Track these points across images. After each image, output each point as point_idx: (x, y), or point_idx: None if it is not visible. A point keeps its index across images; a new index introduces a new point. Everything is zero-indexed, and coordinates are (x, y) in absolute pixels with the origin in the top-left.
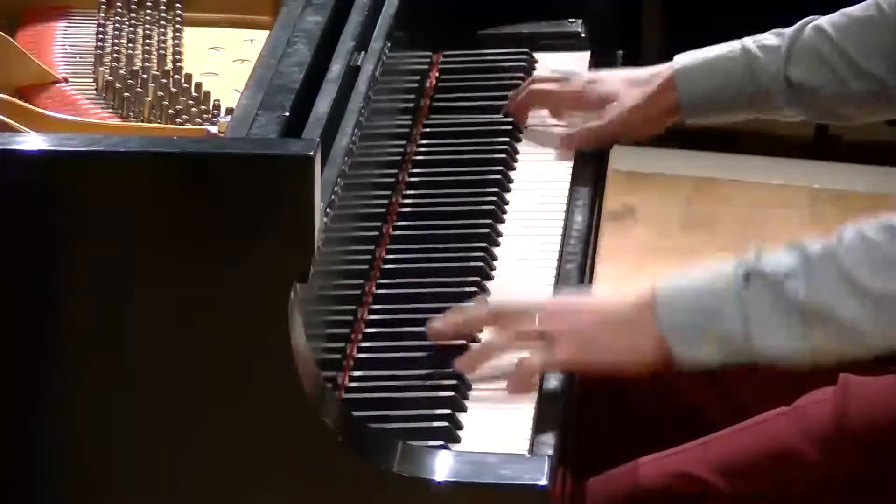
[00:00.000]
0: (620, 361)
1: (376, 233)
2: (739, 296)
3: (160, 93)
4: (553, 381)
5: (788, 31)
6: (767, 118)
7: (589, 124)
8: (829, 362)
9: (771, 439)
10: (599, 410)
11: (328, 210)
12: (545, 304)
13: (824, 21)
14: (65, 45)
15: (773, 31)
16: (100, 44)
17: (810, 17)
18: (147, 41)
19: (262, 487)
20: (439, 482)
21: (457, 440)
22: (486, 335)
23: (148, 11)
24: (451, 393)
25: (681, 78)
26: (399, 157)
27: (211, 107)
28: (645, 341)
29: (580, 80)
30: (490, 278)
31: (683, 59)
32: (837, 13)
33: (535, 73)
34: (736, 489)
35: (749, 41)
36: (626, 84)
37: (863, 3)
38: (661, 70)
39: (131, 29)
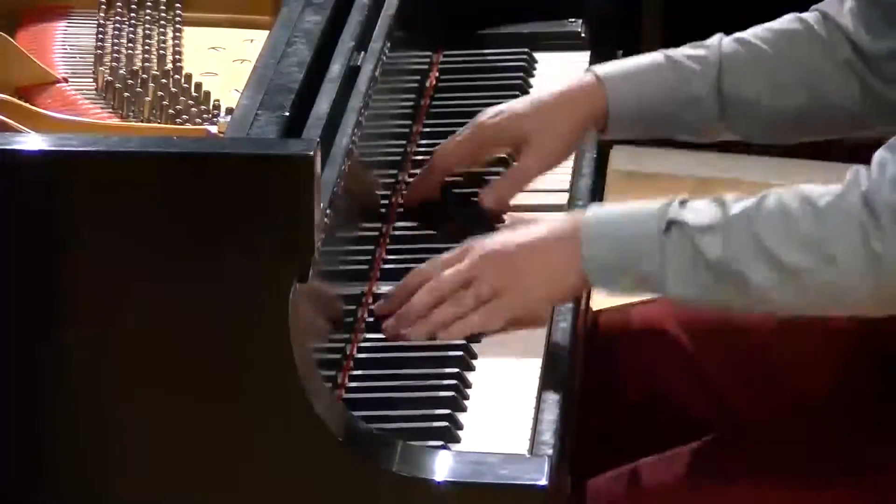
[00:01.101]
0: (547, 295)
1: (376, 233)
2: (659, 242)
3: (160, 93)
4: (553, 382)
5: (710, 42)
6: (700, 139)
7: (508, 171)
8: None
9: (771, 443)
10: (599, 411)
11: (328, 210)
12: (472, 249)
13: (748, 35)
14: (65, 45)
15: (693, 43)
16: (100, 44)
17: (720, 34)
18: (147, 41)
19: (263, 487)
20: (439, 482)
21: (457, 440)
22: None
23: (148, 11)
24: (451, 393)
25: (608, 84)
26: (399, 157)
27: (211, 107)
28: (570, 275)
29: (478, 121)
30: None
31: (604, 68)
32: (756, 28)
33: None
34: (737, 487)
35: (672, 51)
36: (535, 108)
37: (781, 19)
38: (578, 82)
39: (131, 29)
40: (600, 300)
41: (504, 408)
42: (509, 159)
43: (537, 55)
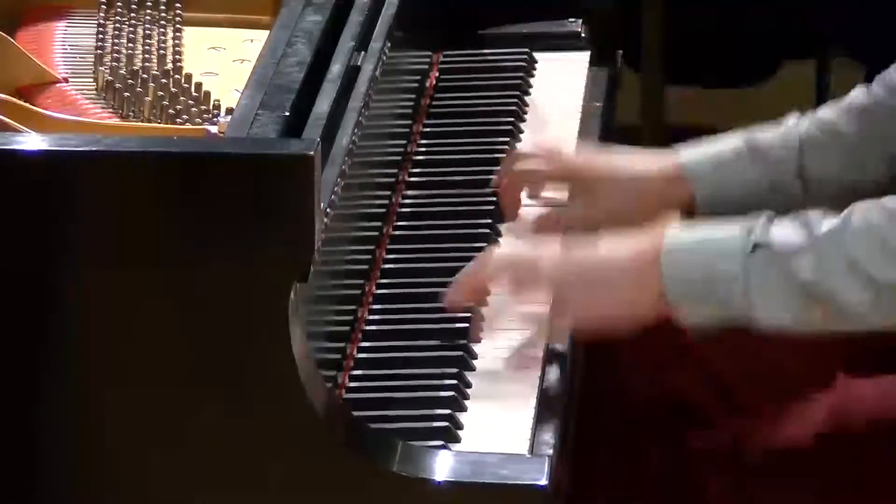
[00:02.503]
0: (621, 316)
1: (376, 233)
2: (745, 265)
3: (160, 93)
4: (553, 382)
5: (789, 123)
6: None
7: (576, 211)
8: (825, 334)
9: (773, 440)
10: (600, 407)
11: (328, 210)
12: (551, 261)
13: (823, 115)
14: (65, 45)
15: (770, 125)
16: (100, 44)
17: (796, 115)
18: (147, 41)
19: (262, 487)
20: (439, 482)
21: (457, 440)
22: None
23: (148, 11)
24: (451, 393)
25: (696, 178)
26: (399, 157)
27: (211, 107)
28: (647, 297)
29: (569, 160)
30: None
31: (690, 155)
32: (828, 107)
33: (518, 149)
34: (739, 484)
35: (751, 137)
36: (623, 175)
37: (851, 93)
38: (666, 170)
39: (131, 29)
40: None
41: (504, 408)
42: None
43: (537, 55)
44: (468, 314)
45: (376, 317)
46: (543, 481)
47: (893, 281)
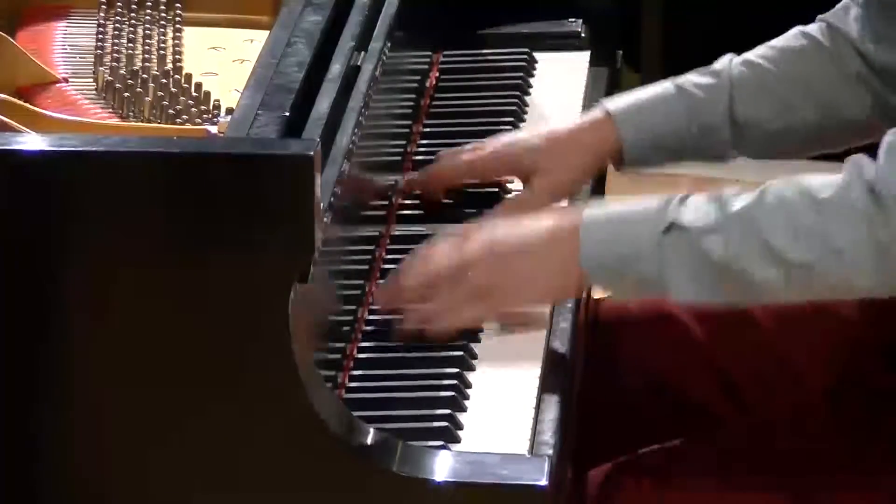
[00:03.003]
0: (544, 295)
1: (376, 233)
2: (659, 244)
3: (160, 93)
4: (553, 382)
5: (717, 67)
6: (707, 163)
7: (515, 196)
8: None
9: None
10: (600, 400)
11: (328, 210)
12: (469, 240)
13: (754, 56)
14: (65, 45)
15: (699, 69)
16: (100, 44)
17: (730, 55)
18: (147, 41)
19: (262, 487)
20: (439, 482)
21: (457, 440)
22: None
23: (148, 11)
24: (451, 393)
25: (620, 120)
26: (399, 157)
27: (211, 107)
28: (568, 277)
29: (493, 147)
30: None
31: (615, 103)
32: (762, 47)
33: (442, 153)
34: (737, 480)
35: (681, 80)
36: (549, 142)
37: (786, 35)
38: (590, 119)
39: (131, 29)
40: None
41: (504, 408)
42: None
43: (537, 55)
44: None
45: (376, 317)
46: (543, 481)
47: (803, 260)
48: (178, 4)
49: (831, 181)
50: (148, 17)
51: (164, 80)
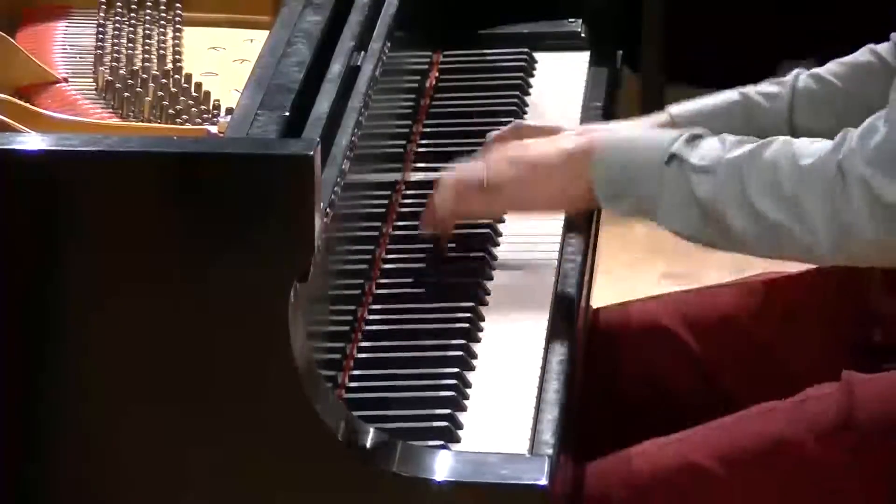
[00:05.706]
0: (552, 198)
1: (376, 233)
2: (659, 172)
3: (160, 93)
4: (553, 382)
5: (785, 79)
6: None
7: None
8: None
9: (771, 430)
10: (599, 408)
11: (328, 210)
12: (490, 153)
13: (823, 71)
14: (65, 45)
15: (770, 80)
16: (100, 44)
17: (800, 69)
18: (147, 41)
19: (262, 487)
20: (439, 482)
21: (457, 440)
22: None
23: (148, 11)
24: (451, 393)
25: (680, 123)
26: (399, 157)
27: (211, 107)
28: (577, 188)
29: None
30: (490, 278)
31: (678, 107)
32: (833, 63)
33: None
34: (734, 477)
35: (746, 88)
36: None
37: (857, 52)
38: (652, 120)
39: (131, 29)
40: (601, 298)
41: (504, 408)
42: None
43: (537, 55)
44: (469, 314)
45: (376, 317)
46: (543, 481)
47: (776, 220)
48: (178, 4)
49: (818, 149)
50: (148, 17)
51: (164, 80)
